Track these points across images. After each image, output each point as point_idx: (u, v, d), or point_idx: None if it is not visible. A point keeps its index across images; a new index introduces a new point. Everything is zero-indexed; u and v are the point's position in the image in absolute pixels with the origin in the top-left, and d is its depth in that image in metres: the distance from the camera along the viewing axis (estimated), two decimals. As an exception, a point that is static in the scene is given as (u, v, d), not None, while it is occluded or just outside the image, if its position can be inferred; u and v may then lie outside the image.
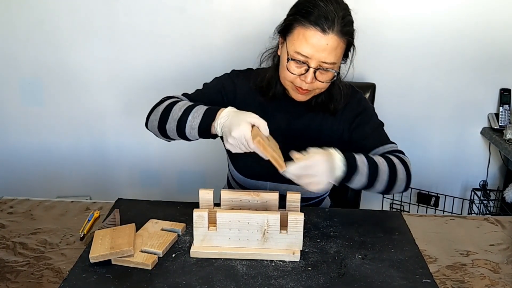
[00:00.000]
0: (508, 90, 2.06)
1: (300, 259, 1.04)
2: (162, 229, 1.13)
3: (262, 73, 1.30)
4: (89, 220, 1.19)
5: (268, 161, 1.12)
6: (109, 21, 2.01)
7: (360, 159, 1.13)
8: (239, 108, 1.27)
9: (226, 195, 1.12)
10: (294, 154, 1.06)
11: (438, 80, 2.07)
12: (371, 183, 1.14)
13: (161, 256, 1.04)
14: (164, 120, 1.21)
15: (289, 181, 1.16)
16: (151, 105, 2.23)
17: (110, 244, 1.02)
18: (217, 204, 1.13)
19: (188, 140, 1.21)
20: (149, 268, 1.00)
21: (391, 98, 2.09)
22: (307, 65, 1.14)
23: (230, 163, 1.44)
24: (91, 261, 1.00)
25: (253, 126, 1.07)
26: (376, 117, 1.34)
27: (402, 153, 1.27)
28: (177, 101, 1.23)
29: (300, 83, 1.18)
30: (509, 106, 2.06)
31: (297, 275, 0.99)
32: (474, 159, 2.19)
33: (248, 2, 1.98)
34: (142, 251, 1.04)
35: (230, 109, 1.13)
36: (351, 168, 1.10)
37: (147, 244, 1.06)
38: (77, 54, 2.06)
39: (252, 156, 1.30)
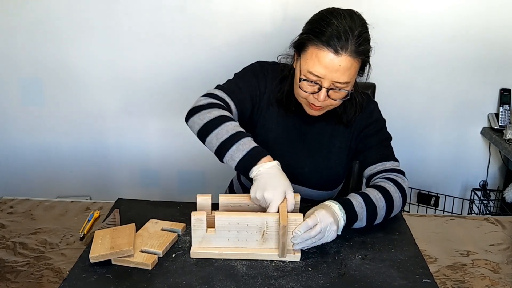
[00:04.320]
0: (508, 90, 2.06)
1: (300, 259, 1.04)
2: (162, 229, 1.13)
3: (284, 85, 1.27)
4: (89, 220, 1.19)
5: (282, 160, 1.14)
6: (109, 21, 2.01)
7: (359, 205, 1.13)
8: (263, 103, 1.29)
9: (225, 200, 1.11)
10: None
11: (438, 80, 2.07)
12: (370, 223, 1.16)
13: (161, 256, 1.04)
14: (207, 131, 1.16)
15: (299, 184, 1.16)
16: (151, 105, 2.24)
17: (110, 244, 1.02)
18: (215, 205, 1.12)
19: (221, 161, 1.17)
20: (149, 268, 1.00)
21: (391, 98, 2.09)
22: (320, 84, 1.14)
23: None
24: (91, 261, 1.00)
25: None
26: (385, 131, 1.33)
27: (402, 173, 1.26)
28: (226, 118, 1.17)
29: (313, 100, 1.17)
30: (509, 106, 2.06)
31: (297, 275, 0.99)
32: (474, 159, 2.19)
33: (248, 2, 1.98)
34: (142, 251, 1.04)
35: (275, 164, 1.10)
36: (350, 219, 1.11)
37: (147, 244, 1.06)
38: (77, 54, 2.06)
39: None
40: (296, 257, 1.04)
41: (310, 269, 1.01)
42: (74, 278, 0.97)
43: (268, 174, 1.08)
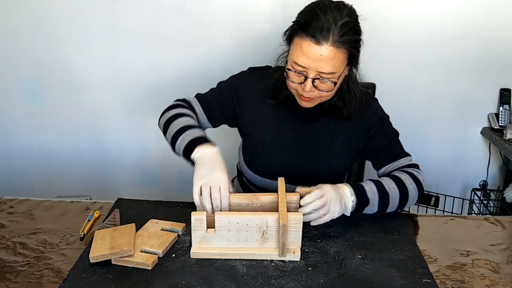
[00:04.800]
0: (508, 90, 2.06)
1: (300, 259, 1.04)
2: (162, 229, 1.13)
3: (275, 74, 1.30)
4: (89, 220, 1.19)
5: (282, 162, 1.25)
6: (109, 21, 2.01)
7: (370, 190, 1.17)
8: (251, 109, 1.31)
9: None
10: (303, 189, 1.11)
11: (438, 80, 2.07)
12: (382, 210, 1.19)
13: (161, 256, 1.04)
14: (165, 130, 1.30)
15: (301, 182, 1.18)
16: (151, 104, 2.24)
17: (110, 244, 1.02)
18: None
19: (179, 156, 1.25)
20: (149, 268, 1.00)
21: (391, 98, 2.08)
22: (305, 75, 1.15)
23: (241, 156, 1.43)
24: (91, 261, 1.00)
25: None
26: (391, 128, 1.34)
27: (417, 166, 1.29)
28: (181, 114, 1.28)
29: (302, 91, 1.18)
30: (509, 106, 2.06)
31: (297, 275, 0.99)
32: (474, 159, 2.19)
33: (248, 2, 1.98)
34: (142, 251, 1.04)
35: (214, 152, 1.16)
36: (361, 203, 1.15)
37: (147, 244, 1.06)
38: (77, 54, 2.06)
39: (265, 155, 1.32)
40: (296, 257, 1.04)
41: (310, 269, 1.01)
42: (74, 278, 0.97)
43: (205, 158, 1.14)
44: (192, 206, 1.11)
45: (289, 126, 1.32)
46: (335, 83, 1.16)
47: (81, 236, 1.13)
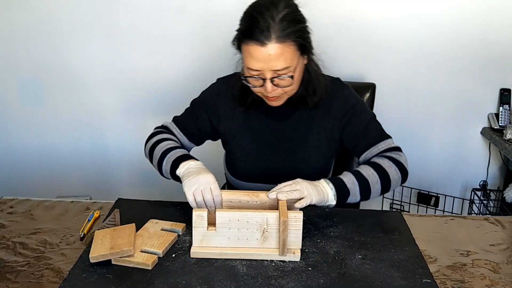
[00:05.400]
0: (508, 90, 2.06)
1: (300, 259, 1.04)
2: (162, 229, 1.13)
3: (239, 82, 1.30)
4: (89, 220, 1.19)
5: (261, 163, 1.27)
6: (109, 21, 2.01)
7: (349, 181, 1.17)
8: (225, 118, 1.34)
9: (225, 196, 1.12)
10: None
11: (438, 80, 2.08)
12: (366, 197, 1.21)
13: (161, 256, 1.04)
14: (150, 159, 1.32)
15: (283, 181, 1.19)
16: (151, 104, 2.24)
17: (110, 244, 1.02)
18: None
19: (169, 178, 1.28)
20: (149, 268, 1.00)
21: (391, 98, 2.09)
22: (262, 77, 1.15)
23: (225, 165, 1.45)
24: (91, 261, 1.00)
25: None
26: (367, 111, 1.33)
27: (398, 149, 1.28)
28: (162, 140, 1.31)
29: (266, 93, 1.19)
30: (509, 106, 2.06)
31: (297, 275, 0.99)
32: (474, 159, 2.19)
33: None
34: (142, 251, 1.04)
35: (197, 164, 1.19)
36: (341, 194, 1.16)
37: (147, 244, 1.06)
38: (77, 54, 2.06)
39: (245, 159, 1.32)
40: (296, 257, 1.04)
41: (310, 269, 1.01)
42: (74, 278, 0.97)
43: (191, 170, 1.16)
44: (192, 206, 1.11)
45: (263, 128, 1.33)
46: (292, 76, 1.16)
47: (81, 236, 1.13)
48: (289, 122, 1.32)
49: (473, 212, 2.15)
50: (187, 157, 1.22)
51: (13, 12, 2.01)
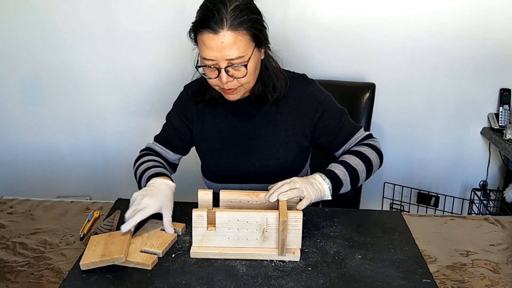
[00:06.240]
0: (508, 90, 2.06)
1: (300, 259, 1.04)
2: (162, 229, 1.13)
3: (196, 78, 1.33)
4: (89, 220, 1.19)
5: (232, 163, 1.31)
6: (109, 21, 2.01)
7: (341, 172, 1.20)
8: (197, 122, 1.35)
9: (225, 195, 1.12)
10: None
11: (438, 80, 2.07)
12: (355, 186, 1.25)
13: (161, 256, 1.04)
14: (138, 184, 1.37)
15: (255, 182, 1.19)
16: (151, 104, 2.24)
17: (102, 251, 1.01)
18: (215, 204, 1.13)
19: None
20: (149, 268, 1.00)
21: (391, 98, 2.09)
22: (217, 67, 1.16)
23: (201, 172, 1.45)
24: (82, 268, 0.98)
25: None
26: (336, 106, 1.33)
27: (371, 136, 1.33)
28: (141, 163, 1.38)
29: (222, 84, 1.19)
30: (509, 106, 2.06)
31: (297, 275, 0.99)
32: (474, 159, 2.19)
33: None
34: (142, 251, 1.04)
35: (162, 182, 1.21)
36: (336, 186, 1.19)
37: (147, 244, 1.06)
38: (77, 54, 2.06)
39: (215, 160, 1.34)
40: (296, 257, 1.04)
41: (310, 269, 1.01)
42: (74, 278, 0.97)
43: (152, 187, 1.19)
44: (192, 206, 1.10)
45: (231, 128, 1.33)
46: (246, 66, 1.16)
47: (81, 236, 1.13)
48: (256, 120, 1.32)
49: (473, 212, 2.15)
50: (157, 175, 1.26)
51: (13, 12, 2.01)
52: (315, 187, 1.14)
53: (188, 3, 1.98)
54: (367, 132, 1.34)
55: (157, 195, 1.14)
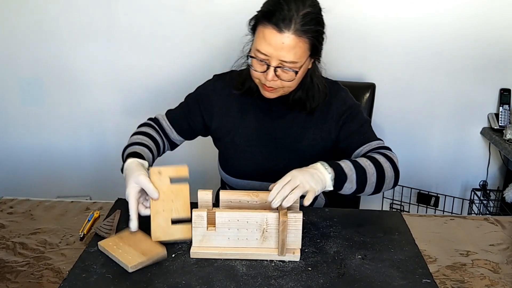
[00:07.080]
0: (508, 90, 2.06)
1: (300, 259, 1.04)
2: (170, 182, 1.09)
3: (241, 72, 1.32)
4: (89, 220, 1.19)
5: (256, 161, 1.28)
6: (108, 21, 2.01)
7: (347, 166, 1.15)
8: (219, 114, 1.33)
9: (225, 196, 1.12)
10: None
11: (438, 80, 2.07)
12: (362, 188, 1.18)
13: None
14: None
15: (277, 179, 1.18)
16: (151, 105, 2.24)
17: (140, 250, 1.02)
18: (215, 205, 1.13)
19: None
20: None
21: (391, 98, 2.09)
22: (268, 63, 1.16)
23: (218, 163, 1.45)
24: (131, 270, 0.98)
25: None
26: (363, 114, 1.35)
27: (389, 149, 1.29)
28: (137, 133, 1.33)
29: (264, 80, 1.19)
30: (509, 106, 2.06)
31: (297, 275, 0.99)
32: (474, 159, 2.19)
33: (248, 2, 1.96)
34: (174, 223, 1.06)
35: (130, 162, 1.15)
36: (339, 178, 1.13)
37: (171, 210, 1.07)
38: (77, 54, 2.06)
39: (239, 156, 1.32)
40: (296, 257, 1.04)
41: (310, 269, 1.01)
42: (74, 278, 0.97)
43: (125, 170, 1.14)
44: (192, 205, 1.10)
45: (258, 126, 1.33)
46: (296, 72, 1.17)
47: (81, 236, 1.13)
48: (285, 121, 1.33)
49: (473, 212, 2.15)
50: (132, 154, 1.19)
51: (13, 12, 2.01)
52: (316, 177, 1.09)
53: (188, 3, 1.99)
54: (387, 146, 1.30)
55: (128, 181, 1.09)
